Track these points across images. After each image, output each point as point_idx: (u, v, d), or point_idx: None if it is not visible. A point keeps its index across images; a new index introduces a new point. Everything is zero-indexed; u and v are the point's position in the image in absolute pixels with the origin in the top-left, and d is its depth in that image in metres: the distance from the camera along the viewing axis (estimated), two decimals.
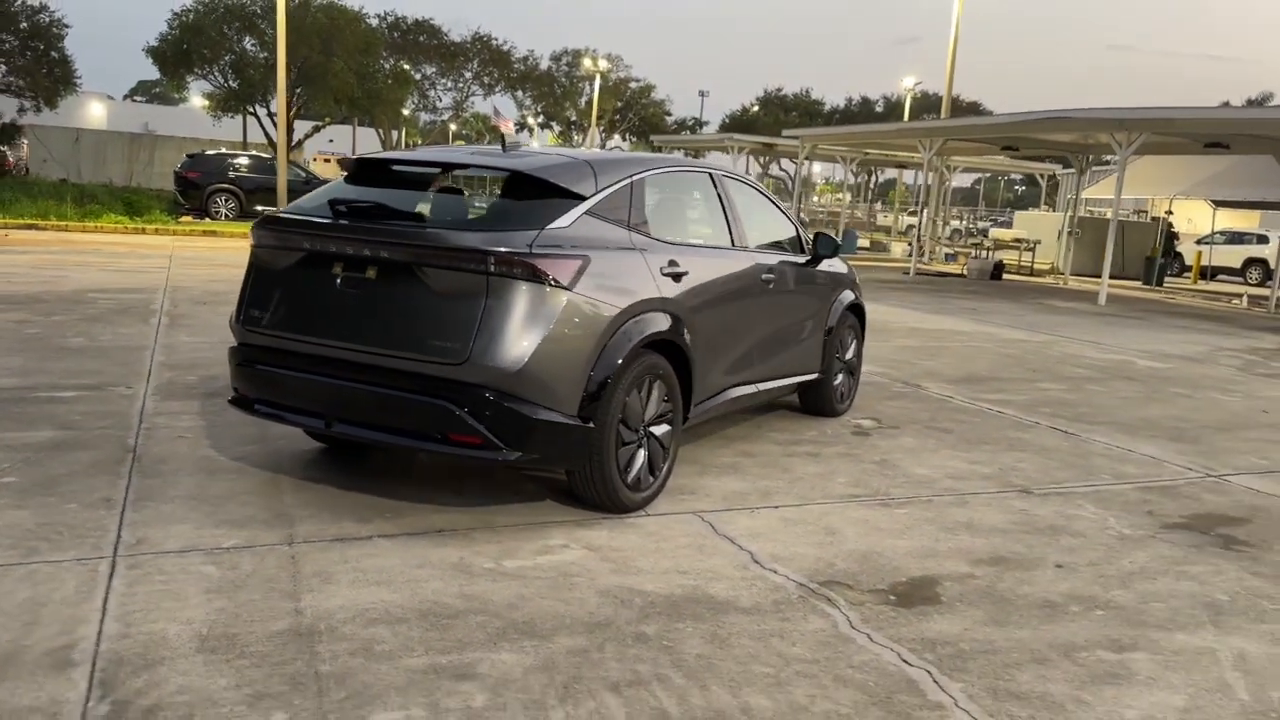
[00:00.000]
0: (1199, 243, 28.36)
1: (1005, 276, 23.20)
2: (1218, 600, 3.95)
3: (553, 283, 3.96)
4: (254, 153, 28.86)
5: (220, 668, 2.92)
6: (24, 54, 38.62)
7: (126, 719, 2.63)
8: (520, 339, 3.89)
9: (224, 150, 28.49)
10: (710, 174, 5.47)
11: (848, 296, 6.70)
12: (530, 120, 57.72)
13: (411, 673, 2.96)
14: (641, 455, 4.48)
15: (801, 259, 6.14)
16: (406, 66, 48.73)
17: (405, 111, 51.42)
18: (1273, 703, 3.13)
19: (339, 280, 4.12)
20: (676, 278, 4.66)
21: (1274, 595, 4.04)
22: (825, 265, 6.41)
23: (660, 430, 4.61)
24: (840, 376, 6.71)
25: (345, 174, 4.66)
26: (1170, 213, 27.96)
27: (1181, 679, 3.25)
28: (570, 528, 4.27)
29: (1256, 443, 6.89)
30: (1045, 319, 14.39)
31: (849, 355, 6.83)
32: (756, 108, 61.34)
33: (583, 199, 4.31)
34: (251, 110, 42.38)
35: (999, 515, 4.85)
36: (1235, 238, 29.21)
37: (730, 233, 5.39)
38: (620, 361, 4.20)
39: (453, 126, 69.71)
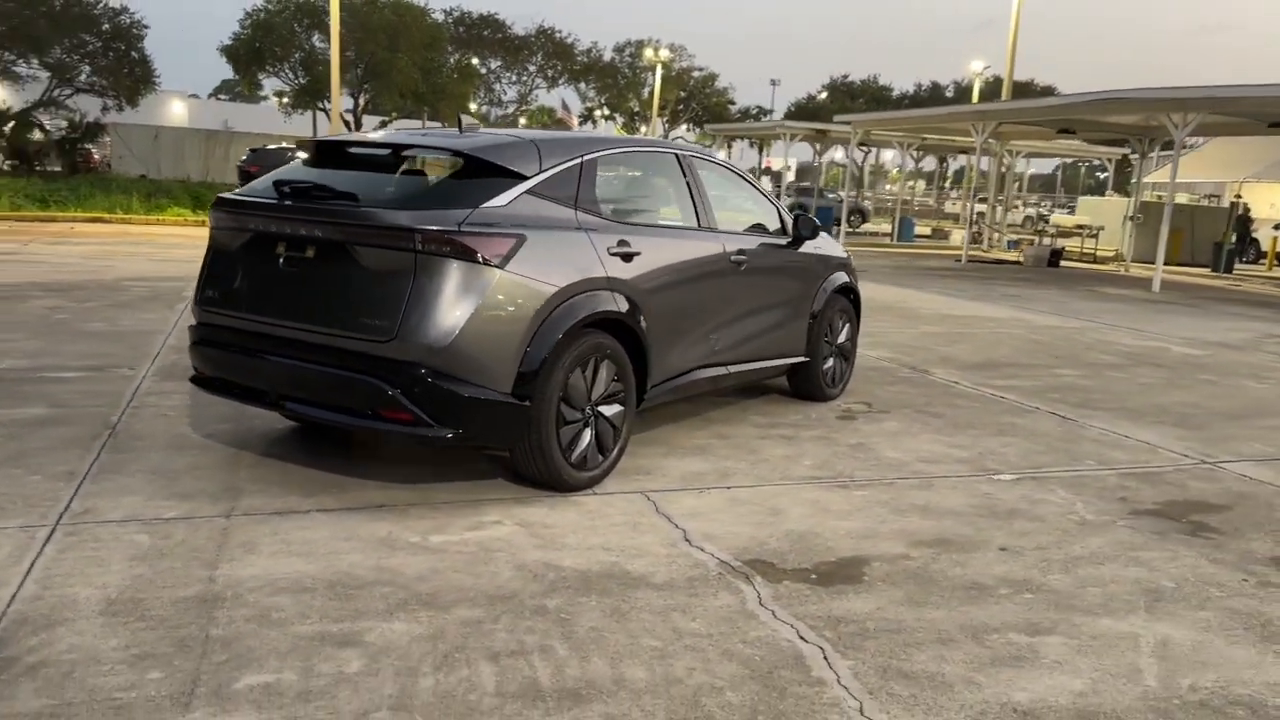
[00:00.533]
0: (1277, 228, 27.17)
1: (1067, 264, 22.58)
2: (1161, 586, 3.81)
3: (482, 261, 3.99)
4: None
5: (116, 629, 3.02)
6: (106, 55, 40.05)
7: (10, 674, 2.74)
8: (448, 316, 3.93)
9: (284, 144, 29.21)
10: (677, 155, 5.44)
11: (838, 279, 6.60)
12: (597, 113, 58.01)
13: (298, 639, 3.02)
14: (588, 434, 4.49)
15: (782, 241, 6.07)
16: (475, 61, 49.37)
17: (472, 106, 52.06)
18: (1180, 689, 3.02)
19: (282, 260, 4.21)
20: (627, 258, 4.65)
21: (1225, 583, 3.89)
22: (813, 247, 6.33)
23: (611, 410, 4.61)
24: (830, 360, 6.63)
25: (304, 156, 4.76)
26: (1239, 197, 26.84)
27: (1090, 663, 3.15)
28: (510, 505, 4.30)
29: (1269, 430, 6.61)
30: (1089, 306, 13.98)
31: (841, 339, 6.74)
32: (824, 95, 60.58)
33: (524, 178, 4.33)
34: (321, 106, 43.32)
35: (960, 498, 4.75)
36: None
37: (696, 214, 5.35)
38: (559, 340, 4.21)
39: (523, 120, 70.45)
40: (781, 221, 6.14)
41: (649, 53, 50.56)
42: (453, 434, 4.02)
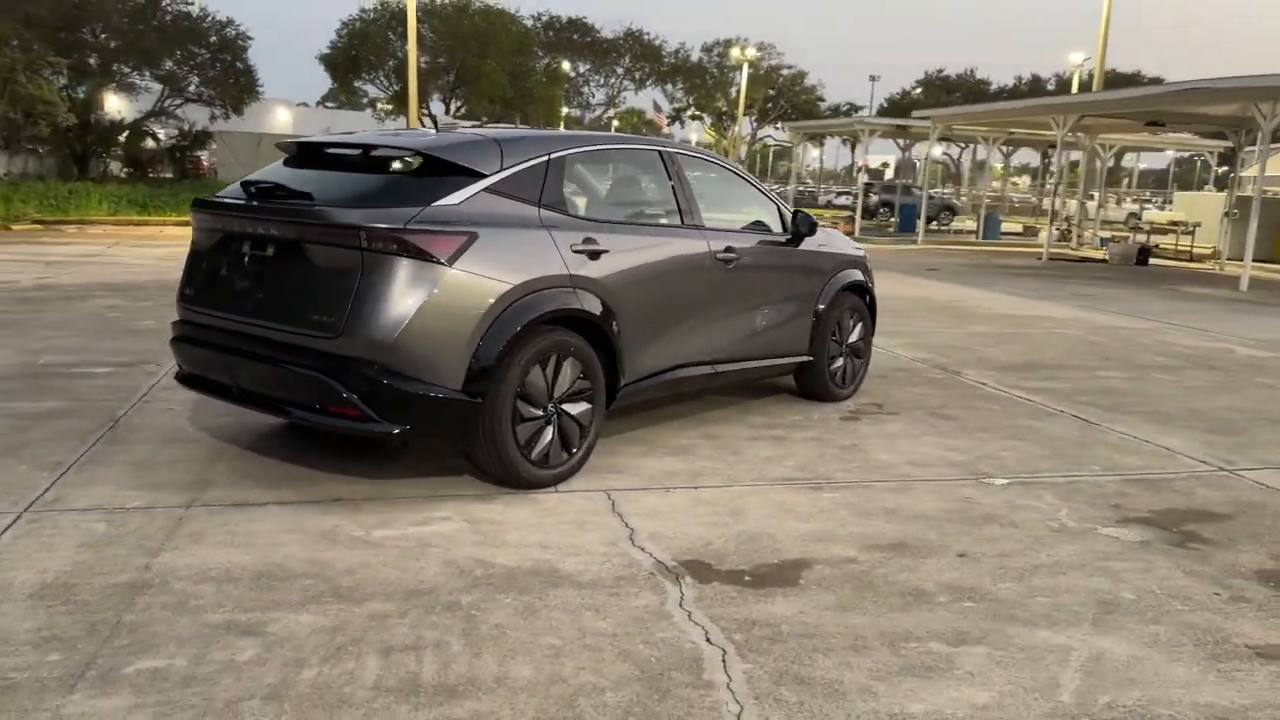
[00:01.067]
0: None
1: (1157, 262, 21.60)
2: (1120, 598, 3.61)
3: (428, 258, 4.03)
4: None
5: (37, 612, 3.14)
6: (214, 66, 41.78)
7: None
8: (392, 313, 3.98)
9: None
10: (660, 152, 5.39)
11: (847, 277, 6.45)
12: (686, 113, 57.98)
13: (204, 626, 3.10)
14: (550, 432, 4.49)
15: (781, 238, 5.96)
16: (566, 65, 49.90)
17: (563, 109, 52.60)
18: (1094, 707, 2.85)
19: (246, 258, 4.33)
20: (594, 255, 4.63)
21: (1193, 596, 3.66)
22: (816, 245, 6.20)
23: (577, 408, 4.60)
24: (840, 360, 6.48)
25: (285, 157, 4.88)
26: None
27: (1006, 676, 3.01)
28: (468, 501, 4.33)
29: None
30: (1164, 306, 13.34)
31: (852, 338, 6.58)
32: (918, 90, 59.31)
33: (482, 177, 4.35)
34: (426, 112, 44.20)
35: (935, 502, 4.59)
36: None
37: (680, 211, 5.29)
38: (513, 337, 4.22)
39: (616, 122, 70.66)
40: (781, 219, 6.02)
41: (735, 52, 50.30)
42: (398, 430, 4.06)
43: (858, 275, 6.58)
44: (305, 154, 4.77)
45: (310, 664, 2.90)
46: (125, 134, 41.11)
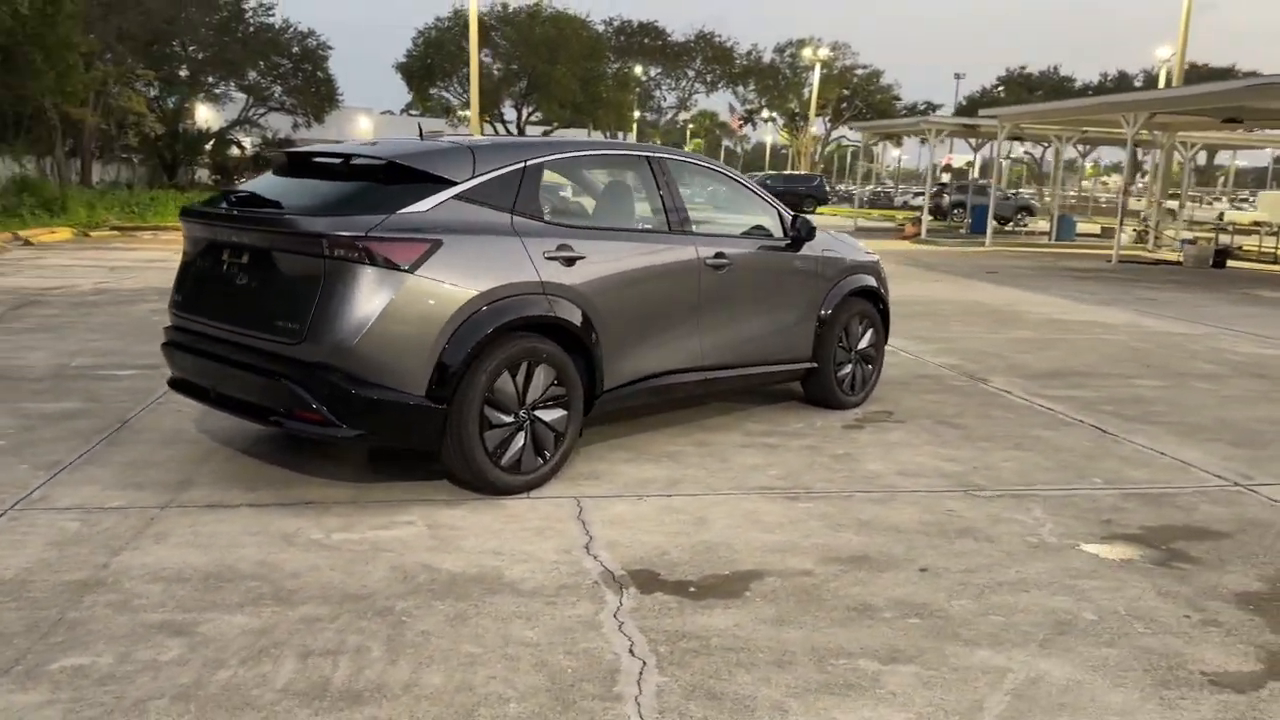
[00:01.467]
0: None
1: (1237, 264, 20.71)
2: (1079, 619, 3.47)
3: (390, 265, 4.07)
4: None
5: None
6: (296, 75, 43.04)
7: None
8: (353, 319, 4.03)
9: None
10: (647, 158, 5.35)
11: (855, 282, 6.33)
12: (762, 114, 57.64)
13: (138, 625, 3.18)
14: (521, 438, 4.50)
15: (780, 243, 5.88)
16: (639, 69, 50.08)
17: (635, 113, 52.78)
18: None
19: (224, 266, 4.44)
20: (569, 262, 4.63)
21: (1160, 618, 3.49)
22: (820, 249, 6.10)
23: (551, 415, 4.60)
24: (848, 367, 6.36)
25: (274, 167, 5.00)
26: None
27: (929, 697, 2.91)
28: (435, 506, 4.36)
29: None
30: (1229, 311, 12.78)
31: (862, 345, 6.45)
32: (1000, 89, 57.99)
33: (452, 184, 4.39)
34: (487, 118, 44.92)
35: (913, 514, 4.47)
36: None
37: (667, 217, 5.26)
38: (479, 343, 4.24)
39: (690, 125, 70.46)
40: (782, 223, 5.94)
41: (807, 52, 49.80)
42: (359, 435, 4.12)
43: (868, 280, 6.45)
44: (292, 164, 4.87)
45: (228, 665, 2.96)
46: (212, 142, 42.58)
